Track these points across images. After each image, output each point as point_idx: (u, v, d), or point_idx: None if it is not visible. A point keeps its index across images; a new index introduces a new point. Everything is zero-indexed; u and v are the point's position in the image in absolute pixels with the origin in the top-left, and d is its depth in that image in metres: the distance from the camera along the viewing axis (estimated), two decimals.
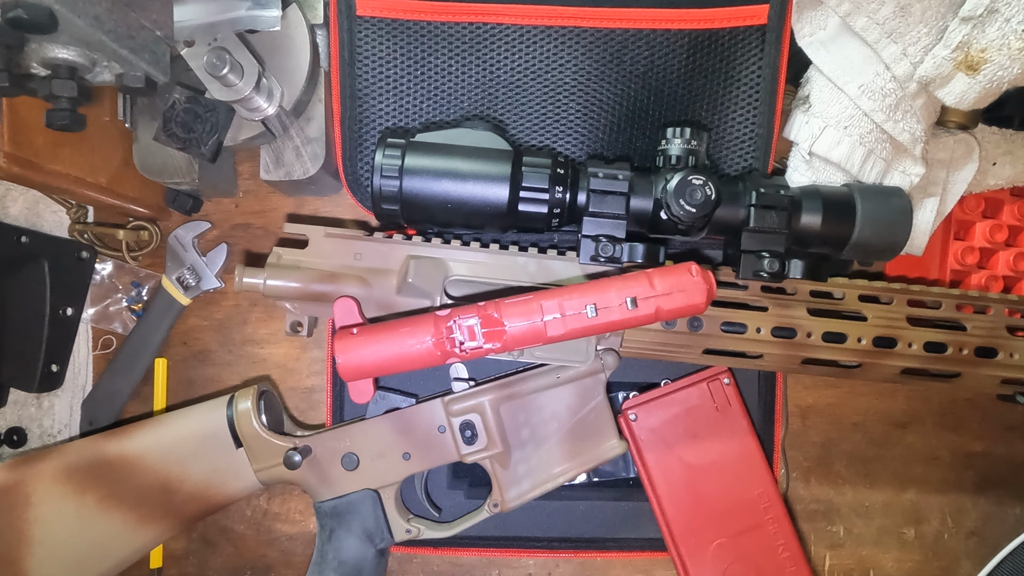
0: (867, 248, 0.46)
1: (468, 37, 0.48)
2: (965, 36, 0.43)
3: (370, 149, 0.50)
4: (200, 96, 0.46)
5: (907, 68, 0.45)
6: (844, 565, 0.59)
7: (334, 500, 0.48)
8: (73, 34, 0.40)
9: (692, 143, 0.45)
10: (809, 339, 0.46)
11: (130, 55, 0.43)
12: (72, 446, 0.49)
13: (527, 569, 0.58)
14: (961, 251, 0.54)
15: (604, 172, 0.45)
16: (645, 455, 0.53)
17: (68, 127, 0.42)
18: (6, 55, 0.39)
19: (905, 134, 0.47)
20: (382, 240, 0.48)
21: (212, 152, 0.46)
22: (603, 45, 0.48)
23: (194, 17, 0.45)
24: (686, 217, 0.43)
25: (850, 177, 0.48)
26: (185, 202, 0.57)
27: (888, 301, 0.48)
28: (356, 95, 0.49)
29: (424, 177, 0.44)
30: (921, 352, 0.47)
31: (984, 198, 0.55)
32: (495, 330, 0.40)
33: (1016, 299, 0.48)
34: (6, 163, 0.45)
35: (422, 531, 0.50)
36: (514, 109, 0.49)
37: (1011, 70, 0.44)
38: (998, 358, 0.47)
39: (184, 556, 0.58)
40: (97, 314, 0.59)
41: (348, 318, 0.45)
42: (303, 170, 0.52)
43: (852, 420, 0.60)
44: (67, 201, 0.58)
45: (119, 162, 0.54)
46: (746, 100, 0.49)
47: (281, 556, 0.58)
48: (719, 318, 0.46)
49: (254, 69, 0.46)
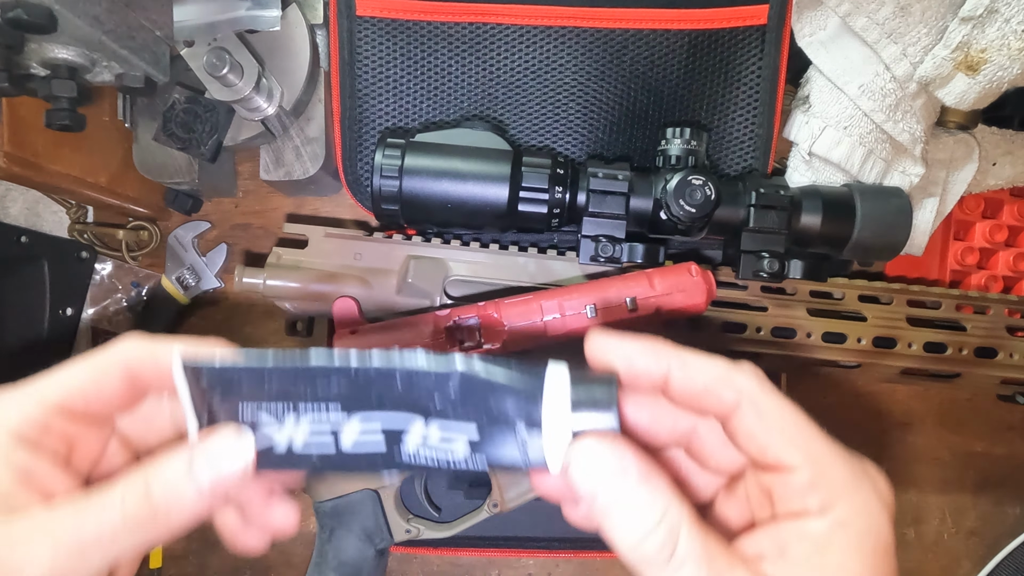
0: (867, 248, 0.46)
1: (468, 37, 0.48)
2: (965, 36, 0.43)
3: (370, 149, 0.50)
4: (200, 96, 0.46)
5: (907, 68, 0.45)
6: None
7: (334, 500, 0.48)
8: (73, 34, 0.40)
9: (692, 143, 0.45)
10: (809, 339, 0.46)
11: (130, 55, 0.43)
12: None
13: (527, 569, 0.58)
14: (961, 251, 0.54)
15: (604, 172, 0.45)
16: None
17: (68, 127, 0.42)
18: (6, 55, 0.39)
19: (905, 134, 0.47)
20: (382, 240, 0.48)
21: (212, 152, 0.46)
22: (603, 45, 0.48)
23: (194, 17, 0.45)
24: (686, 217, 0.43)
25: (850, 177, 0.48)
26: (185, 202, 0.57)
27: (888, 301, 0.48)
28: (356, 95, 0.49)
29: (424, 177, 0.44)
30: (921, 352, 0.47)
31: (984, 198, 0.55)
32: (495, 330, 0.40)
33: (1016, 299, 0.48)
34: (6, 163, 0.45)
35: (422, 531, 0.50)
36: (514, 109, 0.49)
37: (1011, 70, 0.44)
38: (998, 358, 0.47)
39: (184, 556, 0.58)
40: (97, 314, 0.59)
41: (348, 318, 0.45)
42: (303, 170, 0.52)
43: (852, 420, 0.60)
44: (67, 201, 0.58)
45: (119, 162, 0.54)
46: (746, 100, 0.49)
47: (281, 556, 0.58)
48: (719, 318, 0.46)
49: (254, 69, 0.47)
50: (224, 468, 0.24)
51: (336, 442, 0.25)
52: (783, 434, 0.24)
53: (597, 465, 0.23)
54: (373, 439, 0.25)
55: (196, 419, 0.25)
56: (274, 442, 0.25)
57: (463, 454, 0.25)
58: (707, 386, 0.24)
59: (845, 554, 0.22)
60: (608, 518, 0.22)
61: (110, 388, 0.26)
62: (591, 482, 0.23)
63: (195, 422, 0.25)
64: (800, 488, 0.23)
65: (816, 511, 0.23)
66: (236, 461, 0.24)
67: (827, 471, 0.23)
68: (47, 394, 0.25)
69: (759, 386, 0.24)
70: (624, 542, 0.22)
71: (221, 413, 0.25)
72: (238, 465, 0.24)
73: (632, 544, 0.22)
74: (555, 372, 0.24)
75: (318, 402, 0.25)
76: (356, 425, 0.25)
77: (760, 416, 0.24)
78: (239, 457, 0.24)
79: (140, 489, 0.24)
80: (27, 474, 0.24)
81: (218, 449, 0.24)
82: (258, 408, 0.25)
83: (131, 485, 0.24)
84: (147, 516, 0.23)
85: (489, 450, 0.25)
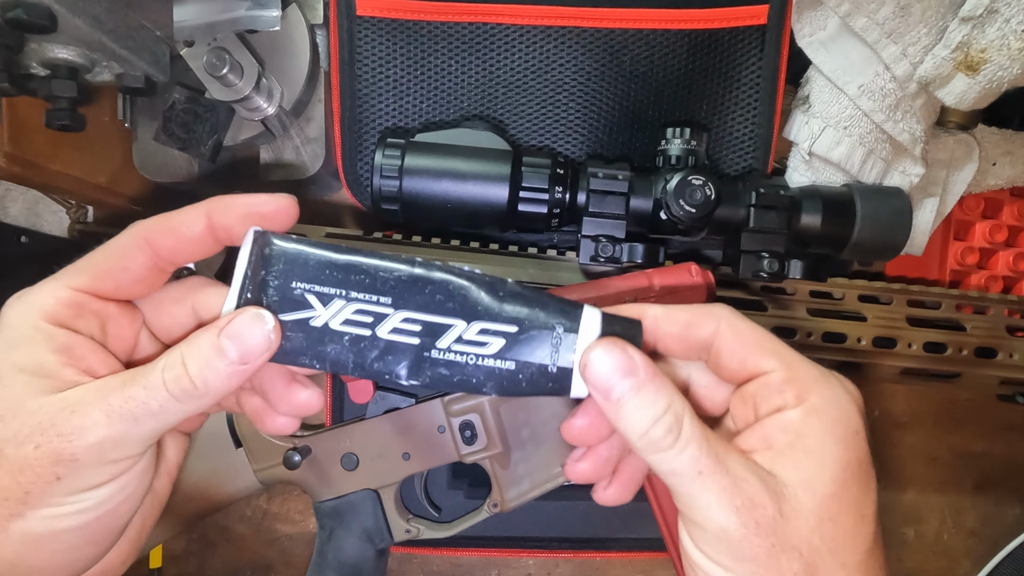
0: (867, 248, 0.46)
1: (468, 37, 0.48)
2: (965, 36, 0.43)
3: (370, 149, 0.50)
4: (200, 96, 0.46)
5: (907, 68, 0.45)
6: None
7: (334, 500, 0.48)
8: (73, 34, 0.40)
9: (692, 143, 0.45)
10: (809, 339, 0.46)
11: (130, 55, 0.43)
12: None
13: (527, 569, 0.58)
14: (961, 251, 0.54)
15: (604, 172, 0.45)
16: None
17: (68, 127, 0.42)
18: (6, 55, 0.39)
19: (905, 134, 0.47)
20: (382, 240, 0.48)
21: (212, 152, 0.46)
22: (603, 45, 0.48)
23: (194, 17, 0.45)
24: (686, 217, 0.43)
25: (850, 177, 0.48)
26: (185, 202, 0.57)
27: (888, 301, 0.48)
28: (356, 95, 0.49)
29: (424, 177, 0.44)
30: (921, 352, 0.47)
31: (984, 198, 0.55)
32: None
33: (1016, 299, 0.48)
34: (6, 163, 0.45)
35: (422, 531, 0.50)
36: (514, 109, 0.50)
37: (1011, 70, 0.44)
38: (998, 358, 0.47)
39: (184, 556, 0.58)
40: None
41: None
42: (303, 170, 0.52)
43: None
44: (67, 201, 0.58)
45: (119, 162, 0.54)
46: (746, 100, 0.49)
47: (281, 556, 0.58)
48: None
49: (254, 69, 0.47)
50: (249, 341, 0.26)
51: (373, 328, 0.27)
52: (758, 346, 0.27)
53: (612, 362, 0.26)
54: (411, 331, 0.27)
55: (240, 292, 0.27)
56: (313, 316, 0.27)
57: (494, 350, 0.27)
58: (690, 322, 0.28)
59: (819, 437, 0.26)
60: (621, 408, 0.26)
61: (133, 265, 0.28)
62: (607, 377, 0.26)
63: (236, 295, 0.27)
64: (777, 386, 0.27)
65: (792, 403, 0.26)
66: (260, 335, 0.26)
67: (798, 370, 0.27)
68: (75, 278, 0.27)
69: (732, 313, 0.28)
70: (636, 429, 0.26)
71: (271, 289, 0.27)
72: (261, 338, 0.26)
73: (643, 430, 0.25)
74: (591, 309, 0.28)
75: (371, 294, 0.27)
76: (399, 316, 0.27)
77: (736, 335, 0.28)
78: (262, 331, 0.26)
79: (178, 364, 0.26)
80: (69, 352, 0.26)
81: (242, 324, 0.26)
82: (309, 291, 0.27)
83: (169, 361, 0.26)
84: (188, 389, 0.25)
85: (522, 348, 0.27)
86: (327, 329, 0.27)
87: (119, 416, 0.25)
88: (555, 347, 0.28)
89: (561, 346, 0.28)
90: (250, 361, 0.26)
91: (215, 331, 0.26)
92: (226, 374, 0.26)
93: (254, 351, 0.26)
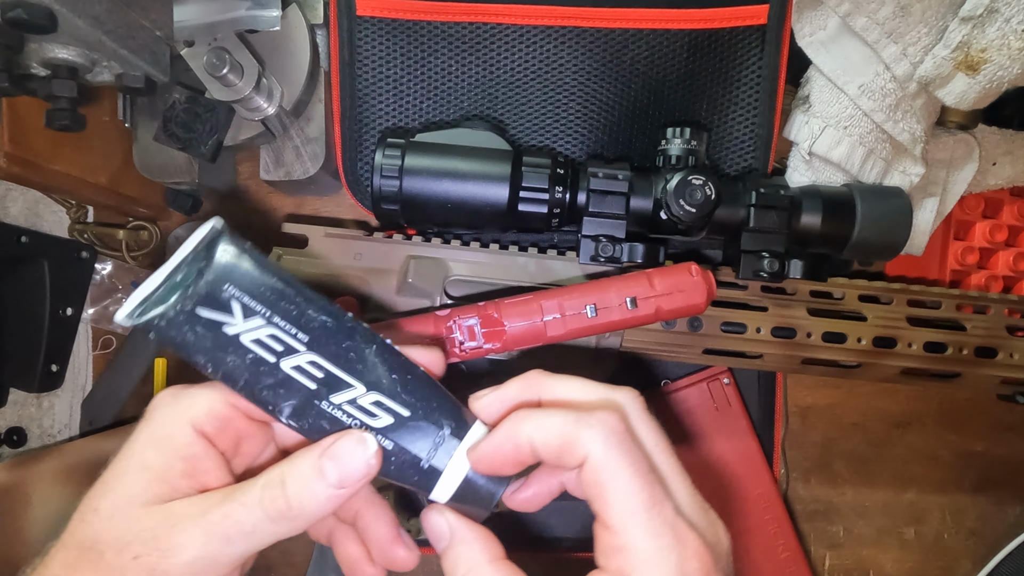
0: (867, 248, 0.46)
1: (468, 37, 0.48)
2: (965, 36, 0.43)
3: (370, 149, 0.50)
4: (200, 96, 0.46)
5: (907, 68, 0.45)
6: (844, 565, 0.59)
7: None
8: (73, 34, 0.40)
9: (692, 143, 0.45)
10: (809, 339, 0.46)
11: (130, 55, 0.43)
12: (72, 446, 0.49)
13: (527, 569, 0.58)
14: (961, 251, 0.54)
15: (604, 172, 0.45)
16: None
17: (68, 127, 0.42)
18: (6, 55, 0.39)
19: (905, 134, 0.47)
20: (382, 240, 0.48)
21: (212, 152, 0.46)
22: (603, 45, 0.48)
23: (194, 17, 0.45)
24: (686, 217, 0.43)
25: (850, 177, 0.48)
26: (185, 202, 0.57)
27: (888, 301, 0.48)
28: (356, 95, 0.49)
29: (424, 177, 0.44)
30: (921, 352, 0.47)
31: (984, 198, 0.55)
32: (495, 330, 0.40)
33: (1016, 299, 0.48)
34: (6, 163, 0.45)
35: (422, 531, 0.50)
36: (514, 109, 0.49)
37: (1011, 70, 0.44)
38: (998, 358, 0.47)
39: None
40: (97, 314, 0.59)
41: None
42: (303, 170, 0.52)
43: (852, 420, 0.60)
44: (67, 201, 0.58)
45: (119, 162, 0.54)
46: (746, 100, 0.49)
47: (281, 556, 0.58)
48: (719, 318, 0.46)
49: (254, 69, 0.47)
50: (350, 464, 0.26)
51: (279, 357, 0.27)
52: (613, 495, 0.26)
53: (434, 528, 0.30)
54: (312, 375, 0.27)
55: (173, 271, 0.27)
56: (230, 322, 0.26)
57: (380, 425, 0.28)
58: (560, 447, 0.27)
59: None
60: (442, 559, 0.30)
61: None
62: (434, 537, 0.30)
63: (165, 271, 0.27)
64: (608, 549, 0.27)
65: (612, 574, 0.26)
66: (361, 459, 0.27)
67: (635, 541, 0.26)
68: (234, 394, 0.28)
69: (603, 444, 0.27)
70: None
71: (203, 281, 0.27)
72: (362, 463, 0.26)
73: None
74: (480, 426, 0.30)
75: (292, 326, 0.27)
76: (307, 357, 0.27)
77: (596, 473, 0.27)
78: (363, 458, 0.27)
79: (276, 483, 0.26)
80: (195, 463, 0.27)
81: (345, 447, 0.27)
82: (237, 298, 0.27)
83: (269, 479, 0.26)
84: (283, 510, 0.26)
85: (406, 434, 0.28)
86: (236, 340, 0.26)
87: (216, 537, 0.25)
88: (436, 445, 0.29)
89: (441, 447, 0.29)
90: (348, 485, 0.26)
91: (318, 451, 0.26)
92: (324, 497, 0.26)
93: (353, 475, 0.26)
